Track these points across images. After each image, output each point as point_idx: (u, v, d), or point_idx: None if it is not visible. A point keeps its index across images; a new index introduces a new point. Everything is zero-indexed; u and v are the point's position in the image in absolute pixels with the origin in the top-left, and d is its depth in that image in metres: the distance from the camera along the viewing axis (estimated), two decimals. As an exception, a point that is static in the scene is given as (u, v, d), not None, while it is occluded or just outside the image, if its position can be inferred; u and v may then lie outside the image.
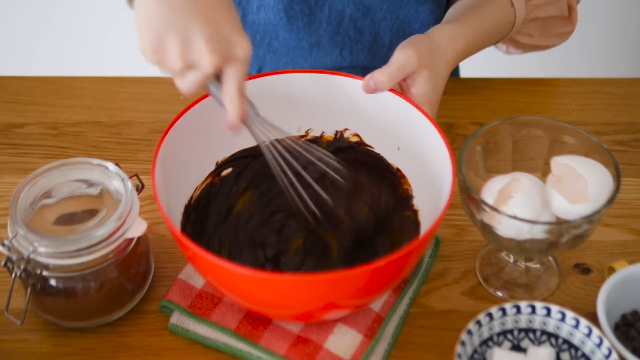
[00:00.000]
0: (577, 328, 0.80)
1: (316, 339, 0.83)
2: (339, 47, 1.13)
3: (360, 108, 0.92)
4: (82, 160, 0.86)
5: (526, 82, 1.18)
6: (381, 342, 0.84)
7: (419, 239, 0.76)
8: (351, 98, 0.92)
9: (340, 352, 0.82)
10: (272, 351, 0.82)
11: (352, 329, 0.84)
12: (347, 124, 0.95)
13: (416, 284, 0.89)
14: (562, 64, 1.99)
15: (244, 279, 0.74)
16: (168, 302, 0.86)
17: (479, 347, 0.80)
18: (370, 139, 0.95)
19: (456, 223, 0.97)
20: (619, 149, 1.07)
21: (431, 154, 0.87)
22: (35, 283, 0.81)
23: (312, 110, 0.94)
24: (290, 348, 0.83)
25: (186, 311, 0.85)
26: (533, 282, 0.91)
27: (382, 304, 0.87)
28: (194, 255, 0.76)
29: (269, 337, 0.83)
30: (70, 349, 0.84)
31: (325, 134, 0.96)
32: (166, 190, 0.83)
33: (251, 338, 0.83)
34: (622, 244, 0.95)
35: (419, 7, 1.09)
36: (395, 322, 0.86)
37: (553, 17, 1.06)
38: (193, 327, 0.85)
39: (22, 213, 0.81)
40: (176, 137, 0.86)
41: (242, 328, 0.84)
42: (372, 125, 0.93)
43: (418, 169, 0.90)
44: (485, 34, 1.00)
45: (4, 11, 2.17)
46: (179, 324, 0.85)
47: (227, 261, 0.73)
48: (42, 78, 1.17)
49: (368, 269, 0.73)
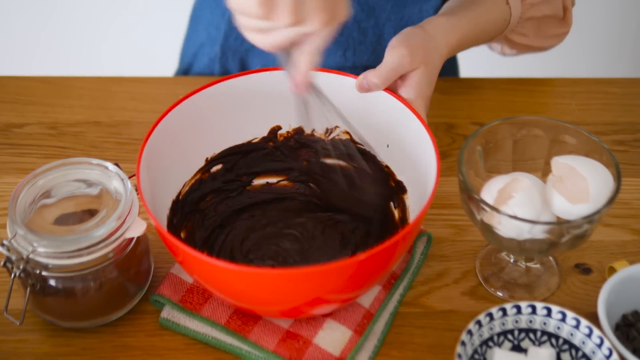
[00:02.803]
0: (578, 328, 0.80)
1: (305, 334, 0.84)
2: (342, 48, 1.13)
3: (349, 105, 0.92)
4: (81, 160, 0.85)
5: (526, 82, 1.18)
6: (370, 338, 0.84)
7: (399, 233, 0.76)
8: (339, 95, 0.91)
9: (329, 347, 0.83)
10: (261, 346, 0.83)
11: (342, 324, 0.85)
12: (337, 121, 0.95)
13: (407, 281, 0.89)
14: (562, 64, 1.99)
15: (228, 274, 0.75)
16: (159, 297, 0.87)
17: (479, 348, 0.80)
18: None
19: (456, 223, 0.97)
20: (620, 149, 1.07)
21: (418, 151, 0.86)
22: (34, 283, 0.81)
23: None
24: (280, 343, 0.83)
25: (177, 305, 0.86)
26: (533, 282, 0.90)
27: (372, 300, 0.87)
28: (177, 250, 0.77)
29: (259, 332, 0.84)
30: (69, 349, 0.84)
31: (315, 132, 0.96)
32: (152, 187, 0.83)
33: (241, 333, 0.84)
34: (623, 244, 0.95)
35: (423, 5, 1.09)
36: (385, 318, 0.86)
37: (548, 17, 1.06)
38: (184, 322, 0.85)
39: (21, 213, 0.80)
40: (164, 134, 0.86)
41: (232, 323, 0.85)
42: (361, 122, 0.93)
43: (407, 166, 0.90)
44: (480, 29, 1.00)
45: (4, 11, 2.17)
46: (169, 318, 0.85)
47: (210, 256, 0.74)
48: (41, 78, 1.17)
49: (352, 262, 0.73)
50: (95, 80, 1.17)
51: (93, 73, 1.19)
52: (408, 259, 0.91)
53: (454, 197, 0.97)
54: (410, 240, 0.81)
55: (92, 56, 2.16)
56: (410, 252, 0.91)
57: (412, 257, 0.90)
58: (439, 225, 0.96)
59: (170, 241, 0.76)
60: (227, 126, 0.93)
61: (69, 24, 2.16)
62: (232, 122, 0.94)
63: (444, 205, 0.98)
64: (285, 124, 0.96)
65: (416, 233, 0.81)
